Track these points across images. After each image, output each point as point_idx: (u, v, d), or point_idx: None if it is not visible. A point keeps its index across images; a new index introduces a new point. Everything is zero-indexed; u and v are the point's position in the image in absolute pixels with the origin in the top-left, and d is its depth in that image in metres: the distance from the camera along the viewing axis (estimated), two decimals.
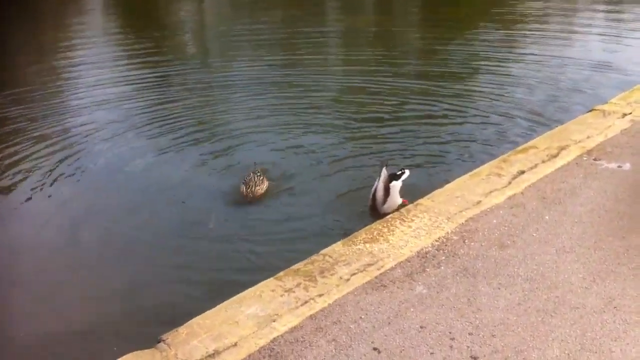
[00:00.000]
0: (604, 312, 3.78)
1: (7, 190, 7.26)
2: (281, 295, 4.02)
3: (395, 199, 5.89)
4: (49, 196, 7.05)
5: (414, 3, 21.70)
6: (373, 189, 5.96)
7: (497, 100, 9.79)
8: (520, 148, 6.33)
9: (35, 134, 9.01)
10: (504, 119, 8.90)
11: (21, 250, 6.03)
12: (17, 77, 13.08)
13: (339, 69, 12.97)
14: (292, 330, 3.70)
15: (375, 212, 5.88)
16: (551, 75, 11.14)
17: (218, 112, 9.89)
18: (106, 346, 4.28)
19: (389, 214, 5.35)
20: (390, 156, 7.31)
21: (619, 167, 5.76)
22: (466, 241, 4.61)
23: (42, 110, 10.22)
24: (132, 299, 5.08)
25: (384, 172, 5.93)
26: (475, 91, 10.37)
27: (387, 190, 5.90)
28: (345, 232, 5.16)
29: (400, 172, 6.17)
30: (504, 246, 4.53)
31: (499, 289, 4.04)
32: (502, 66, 12.01)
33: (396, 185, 5.97)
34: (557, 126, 7.28)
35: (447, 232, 4.74)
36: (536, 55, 12.68)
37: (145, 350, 3.60)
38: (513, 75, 11.34)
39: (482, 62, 12.25)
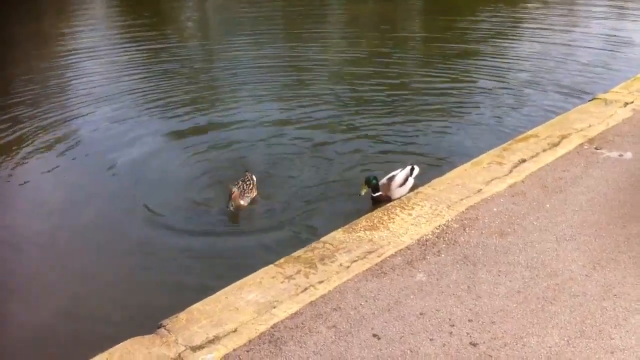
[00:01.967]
0: (604, 299, 3.79)
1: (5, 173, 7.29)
2: (281, 282, 4.03)
3: (405, 190, 5.94)
4: (49, 179, 7.09)
5: None
6: (391, 174, 6.17)
7: (524, 73, 10.22)
8: (521, 136, 6.32)
9: (32, 118, 9.02)
10: (533, 92, 9.26)
11: (20, 235, 6.02)
12: (17, 63, 13.07)
13: (343, 52, 12.99)
14: (292, 316, 3.70)
15: (382, 196, 5.95)
16: (572, 52, 11.48)
17: (219, 98, 9.91)
18: (106, 331, 4.28)
19: (387, 202, 5.44)
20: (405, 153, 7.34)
21: (620, 156, 5.75)
22: (467, 229, 4.61)
23: (39, 94, 10.23)
24: (132, 285, 5.09)
25: (409, 168, 6.26)
26: (493, 67, 10.67)
27: (405, 181, 6.13)
28: (345, 220, 5.15)
29: (411, 168, 6.34)
30: (504, 234, 4.53)
31: (499, 276, 4.05)
32: (517, 44, 12.36)
33: (411, 181, 6.19)
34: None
35: (448, 220, 4.73)
36: (550, 33, 12.96)
37: (146, 336, 3.61)
38: (533, 52, 11.66)
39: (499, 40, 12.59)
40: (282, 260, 4.29)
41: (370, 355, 3.39)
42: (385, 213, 4.88)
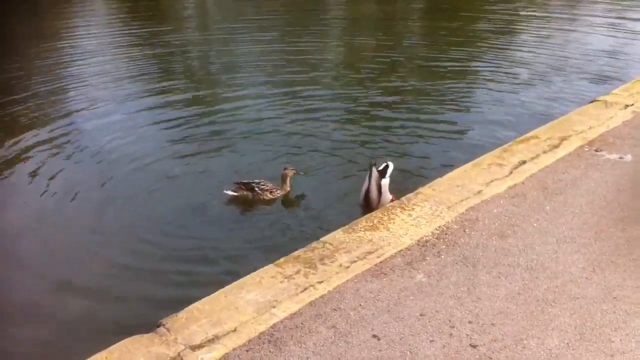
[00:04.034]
0: (604, 302, 3.79)
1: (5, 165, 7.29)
2: (281, 282, 4.02)
3: (387, 195, 5.82)
4: (47, 173, 7.08)
5: None
6: (364, 188, 5.79)
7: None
8: (521, 138, 6.32)
9: (31, 114, 9.03)
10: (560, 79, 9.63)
11: (18, 230, 6.01)
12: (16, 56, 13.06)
13: (349, 48, 13.02)
14: (292, 316, 3.70)
15: (368, 211, 5.80)
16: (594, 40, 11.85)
17: (220, 96, 9.90)
18: (105, 330, 4.28)
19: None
20: (377, 153, 7.21)
21: (621, 158, 5.75)
22: (466, 230, 4.61)
23: (37, 91, 10.25)
24: (132, 283, 5.07)
25: (375, 173, 5.75)
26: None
27: (379, 189, 5.79)
28: (346, 219, 5.14)
29: (384, 166, 6.02)
30: (504, 236, 4.53)
31: (499, 278, 4.04)
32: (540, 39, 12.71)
33: (386, 182, 5.87)
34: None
35: (448, 221, 4.73)
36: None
37: (145, 335, 3.60)
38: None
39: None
40: (281, 260, 4.28)
41: (370, 356, 3.38)
42: (385, 213, 4.88)
